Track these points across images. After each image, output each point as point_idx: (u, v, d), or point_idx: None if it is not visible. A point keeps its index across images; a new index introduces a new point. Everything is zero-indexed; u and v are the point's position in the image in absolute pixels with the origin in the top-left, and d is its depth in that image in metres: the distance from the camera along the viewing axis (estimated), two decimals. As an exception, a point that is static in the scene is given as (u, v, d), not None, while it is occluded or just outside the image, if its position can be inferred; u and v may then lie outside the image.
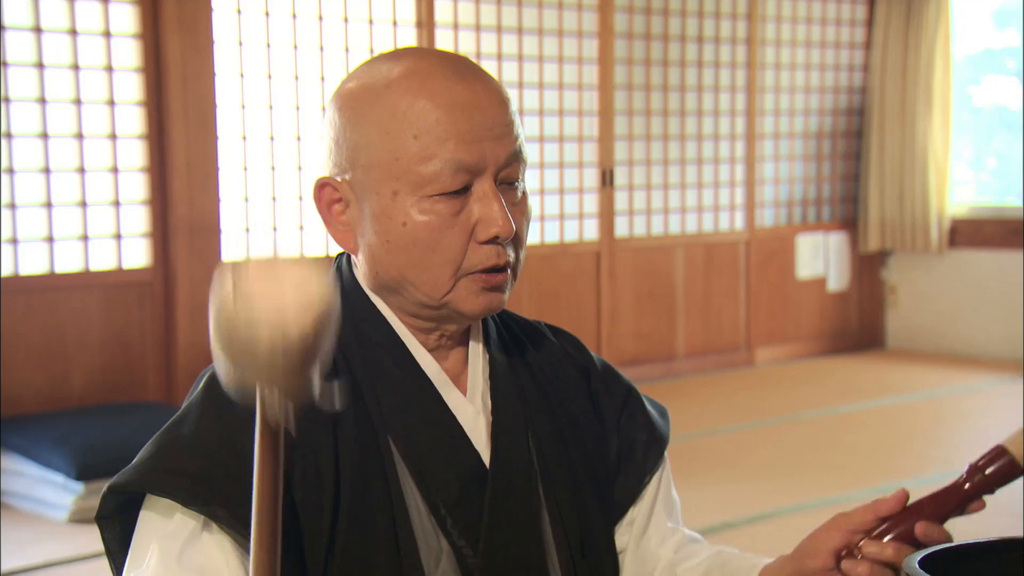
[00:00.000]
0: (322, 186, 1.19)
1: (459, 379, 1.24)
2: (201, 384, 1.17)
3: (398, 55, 1.19)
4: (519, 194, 1.19)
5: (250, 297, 0.76)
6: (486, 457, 1.21)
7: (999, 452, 1.14)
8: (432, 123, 1.13)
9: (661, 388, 6.05)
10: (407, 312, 1.21)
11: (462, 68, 1.17)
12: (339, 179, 1.17)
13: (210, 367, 1.18)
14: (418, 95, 1.13)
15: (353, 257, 1.23)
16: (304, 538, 1.13)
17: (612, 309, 6.23)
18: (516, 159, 1.17)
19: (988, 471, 1.14)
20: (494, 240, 1.15)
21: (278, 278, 0.77)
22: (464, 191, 1.15)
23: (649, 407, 1.36)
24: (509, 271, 1.18)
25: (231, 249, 5.00)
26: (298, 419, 0.84)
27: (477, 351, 1.25)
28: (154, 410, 4.41)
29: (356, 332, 1.21)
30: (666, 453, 1.35)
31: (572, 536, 1.24)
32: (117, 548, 1.16)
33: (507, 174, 1.17)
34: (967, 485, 1.14)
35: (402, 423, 1.18)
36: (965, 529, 1.19)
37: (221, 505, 1.08)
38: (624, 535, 1.32)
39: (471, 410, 1.22)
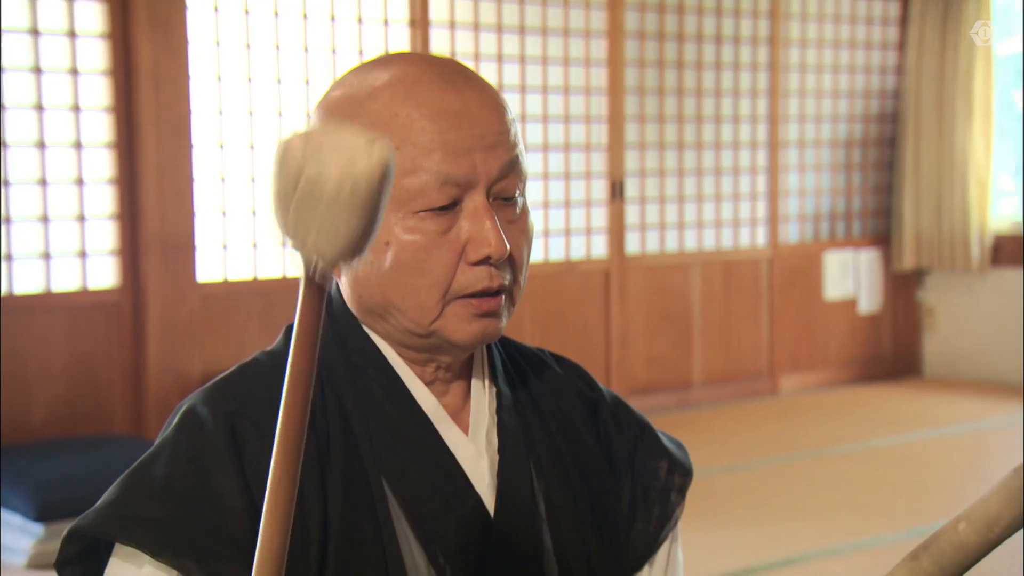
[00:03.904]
0: None
1: (460, 415, 1.24)
2: (175, 420, 1.17)
3: (386, 61, 1.20)
4: (517, 210, 1.19)
5: (320, 144, 0.82)
6: (489, 501, 1.21)
7: None
8: (417, 133, 1.13)
9: (676, 419, 6.04)
10: (397, 341, 1.21)
11: (451, 74, 1.17)
12: None
13: (186, 400, 1.19)
14: (402, 103, 1.14)
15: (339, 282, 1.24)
16: None
17: (622, 333, 6.23)
18: (512, 171, 1.17)
19: None
20: (485, 261, 1.15)
21: (346, 134, 0.84)
22: (453, 207, 1.15)
23: (665, 441, 1.36)
24: (504, 296, 1.18)
25: (206, 268, 5.00)
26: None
27: (481, 385, 1.25)
28: (122, 444, 4.41)
29: (347, 363, 1.22)
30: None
31: (581, 588, 1.24)
32: None
33: (502, 188, 1.17)
34: None
35: (396, 463, 1.18)
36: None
37: (192, 557, 1.08)
38: None
39: (472, 450, 1.22)
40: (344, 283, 1.21)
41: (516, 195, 1.19)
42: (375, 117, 1.15)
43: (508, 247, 1.16)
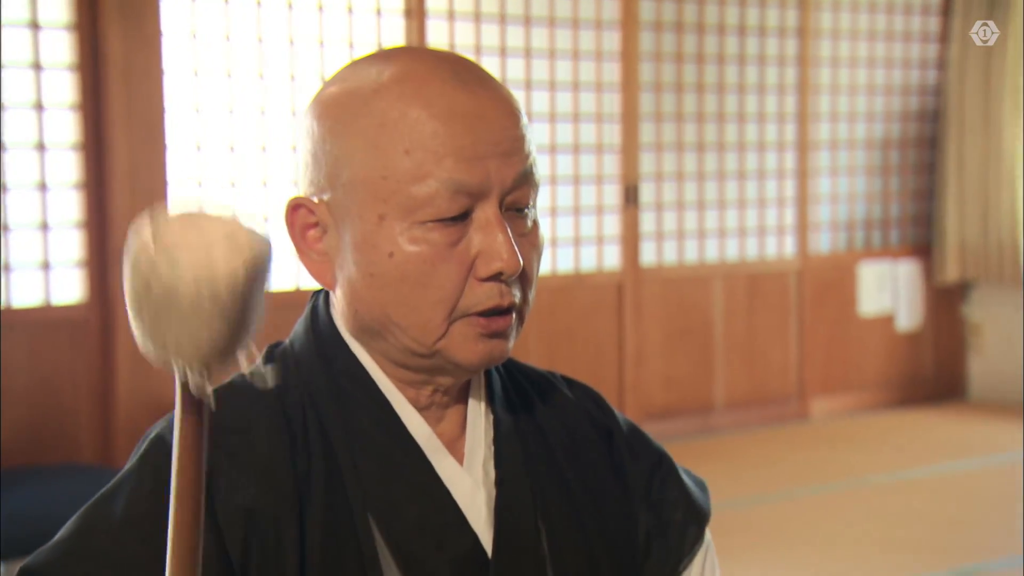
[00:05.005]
0: (295, 207, 1.20)
1: (455, 445, 1.24)
2: (141, 449, 1.18)
3: (390, 55, 1.20)
4: (529, 223, 1.20)
5: (173, 243, 0.80)
6: (486, 540, 1.21)
7: None
8: (427, 136, 1.14)
9: (696, 446, 6.03)
10: (394, 362, 1.21)
11: (465, 72, 1.18)
12: (316, 200, 1.19)
13: (155, 427, 1.20)
14: (412, 103, 1.15)
15: (331, 295, 1.24)
16: None
17: (637, 351, 6.23)
18: (526, 182, 1.18)
19: None
20: (496, 277, 1.16)
21: (203, 227, 0.82)
22: (463, 217, 1.16)
23: (684, 476, 1.37)
24: (515, 314, 1.19)
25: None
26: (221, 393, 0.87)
27: (478, 411, 1.26)
28: (88, 474, 4.41)
29: (333, 386, 1.22)
30: (708, 532, 1.35)
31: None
32: None
33: (515, 199, 1.18)
34: None
35: (385, 497, 1.18)
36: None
37: None
38: None
39: (469, 483, 1.22)
40: (338, 296, 1.22)
41: (528, 206, 1.20)
42: (382, 116, 1.15)
43: (521, 262, 1.17)
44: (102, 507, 1.15)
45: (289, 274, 5.19)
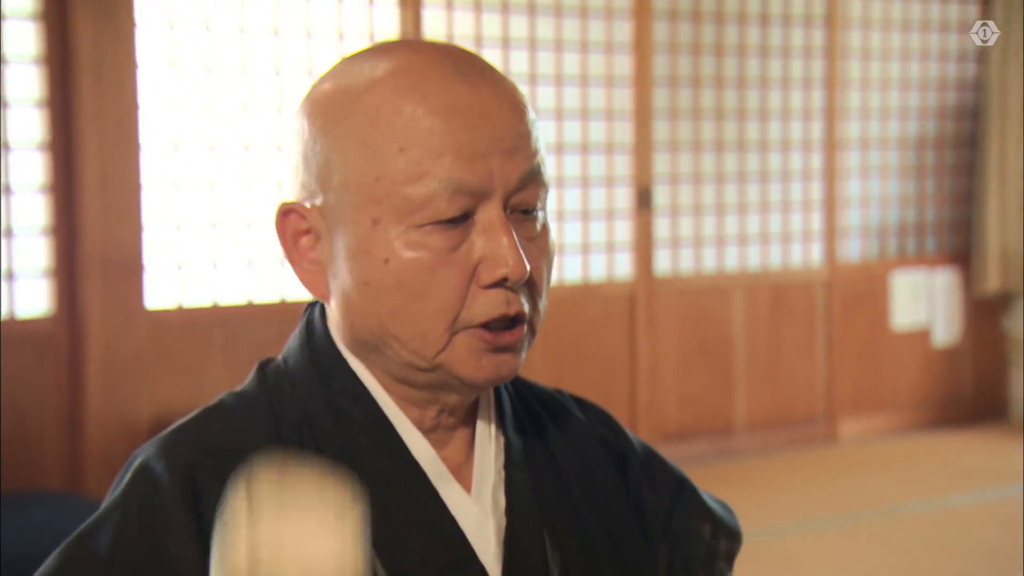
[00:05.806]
0: (286, 213, 1.21)
1: (462, 470, 1.24)
2: (127, 476, 1.18)
3: (385, 49, 1.21)
4: (538, 226, 1.21)
5: (274, 542, 0.93)
6: (494, 572, 1.21)
7: None
8: (424, 133, 1.14)
9: (715, 470, 6.02)
10: (396, 378, 1.21)
11: (465, 65, 1.18)
12: (307, 205, 1.19)
13: (140, 452, 1.20)
14: (407, 98, 1.15)
15: (327, 307, 1.24)
16: None
17: (651, 368, 6.22)
18: (533, 181, 1.18)
19: None
20: (501, 283, 1.16)
21: (308, 529, 0.95)
22: (464, 220, 1.16)
23: (708, 499, 1.38)
24: (525, 326, 1.19)
25: (158, 292, 5.00)
26: None
27: (487, 434, 1.26)
28: (56, 503, 4.40)
29: (331, 406, 1.22)
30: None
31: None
32: None
33: (521, 199, 1.18)
34: None
35: (386, 526, 1.18)
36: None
37: None
38: None
39: (476, 512, 1.22)
40: (333, 308, 1.22)
41: (536, 208, 1.20)
42: (375, 113, 1.16)
43: (528, 267, 1.16)
44: (85, 542, 1.15)
45: (273, 285, 5.19)
